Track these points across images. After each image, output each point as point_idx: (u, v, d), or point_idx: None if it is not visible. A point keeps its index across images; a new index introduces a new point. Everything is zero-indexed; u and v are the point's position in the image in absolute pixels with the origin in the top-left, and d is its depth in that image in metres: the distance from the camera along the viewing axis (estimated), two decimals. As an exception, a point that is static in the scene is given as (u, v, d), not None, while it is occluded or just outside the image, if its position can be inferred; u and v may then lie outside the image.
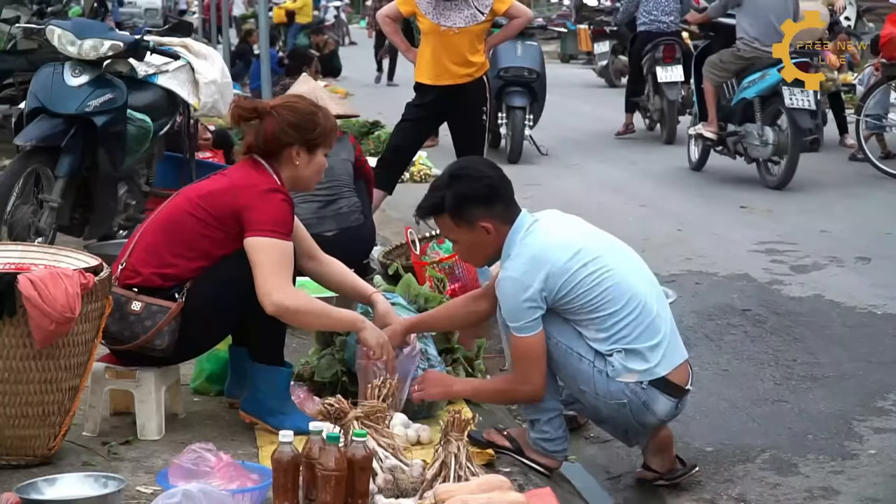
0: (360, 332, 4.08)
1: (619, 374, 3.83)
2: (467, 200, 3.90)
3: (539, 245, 3.85)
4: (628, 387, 3.84)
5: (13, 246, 4.17)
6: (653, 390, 3.85)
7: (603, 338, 3.84)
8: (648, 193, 9.82)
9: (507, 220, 3.93)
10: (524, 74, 11.55)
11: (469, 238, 3.95)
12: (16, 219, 5.60)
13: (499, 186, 3.95)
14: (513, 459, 3.97)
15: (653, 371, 3.84)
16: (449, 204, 3.90)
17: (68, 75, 5.83)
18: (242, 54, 17.58)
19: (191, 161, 7.33)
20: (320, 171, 4.15)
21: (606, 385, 3.85)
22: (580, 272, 3.80)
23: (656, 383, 3.85)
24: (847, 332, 5.90)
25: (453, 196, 3.90)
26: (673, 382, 3.88)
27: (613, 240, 4.06)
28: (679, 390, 3.90)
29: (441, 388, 4.13)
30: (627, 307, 3.82)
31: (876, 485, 4.10)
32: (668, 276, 6.62)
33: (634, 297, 3.84)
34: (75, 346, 3.66)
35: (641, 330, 3.84)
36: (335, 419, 3.54)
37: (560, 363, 3.88)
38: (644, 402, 3.85)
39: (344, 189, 5.82)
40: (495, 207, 3.92)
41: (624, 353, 3.83)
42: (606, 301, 3.81)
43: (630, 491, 4.16)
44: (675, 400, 3.90)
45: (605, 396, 3.87)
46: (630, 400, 3.85)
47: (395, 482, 3.41)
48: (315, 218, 5.61)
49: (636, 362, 3.83)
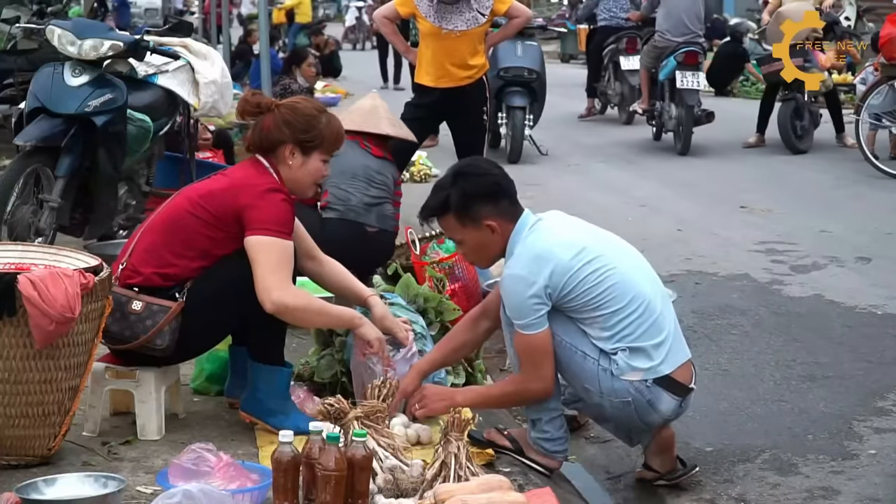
0: (358, 328, 4.09)
1: (624, 372, 3.84)
2: (473, 199, 3.91)
3: (543, 243, 3.86)
4: (633, 385, 3.84)
5: (13, 246, 4.17)
6: (657, 388, 3.85)
7: (607, 336, 3.84)
8: (648, 193, 9.82)
9: (512, 218, 3.94)
10: (524, 74, 11.55)
11: (475, 237, 3.95)
12: (16, 219, 5.59)
13: (503, 184, 3.97)
14: (513, 459, 3.97)
15: (657, 369, 3.84)
16: (454, 203, 3.91)
17: (68, 75, 5.83)
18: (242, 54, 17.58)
19: (191, 161, 7.33)
20: (315, 176, 4.12)
21: (611, 383, 3.85)
22: (583, 270, 3.81)
23: (661, 381, 3.85)
24: (847, 332, 5.90)
25: (458, 195, 3.91)
26: (677, 381, 3.88)
27: (617, 239, 4.06)
28: (683, 389, 3.91)
29: (443, 402, 4.01)
30: (631, 305, 3.83)
31: (876, 485, 4.10)
32: (668, 276, 6.62)
33: (638, 296, 3.84)
34: (75, 346, 3.66)
35: (646, 328, 3.84)
36: (335, 419, 3.54)
37: (564, 361, 3.88)
38: (648, 401, 3.86)
39: (390, 197, 6.07)
40: (500, 205, 3.93)
41: (628, 351, 3.83)
42: (609, 299, 3.81)
43: (630, 491, 4.16)
44: (679, 399, 3.91)
45: (610, 395, 3.87)
46: (634, 398, 3.85)
47: (395, 482, 3.41)
48: (363, 208, 5.86)
49: (640, 360, 3.84)
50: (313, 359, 4.51)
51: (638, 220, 8.61)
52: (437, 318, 4.73)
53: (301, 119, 4.06)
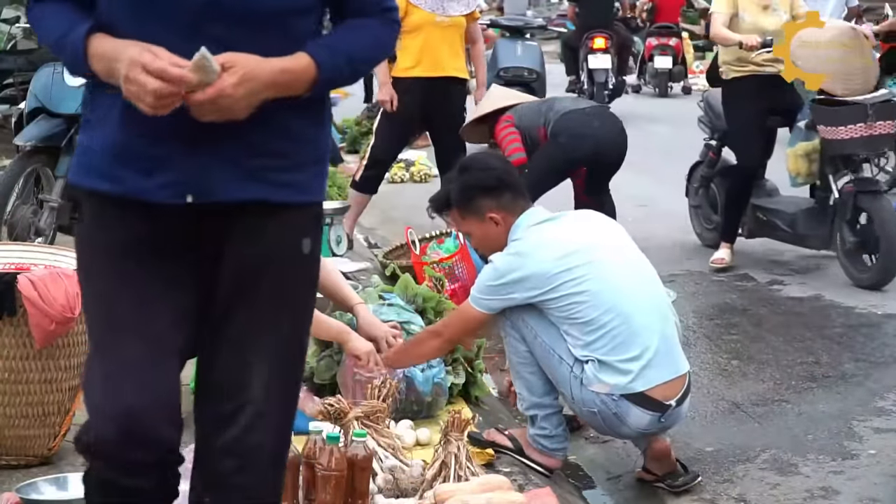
0: (346, 343, 4.04)
1: (591, 383, 3.78)
2: (474, 192, 3.95)
3: (531, 243, 3.87)
4: (598, 397, 3.78)
5: (13, 246, 4.18)
6: (625, 402, 3.77)
7: (581, 344, 3.79)
8: (648, 193, 9.80)
9: (516, 211, 3.95)
10: (524, 74, 11.55)
11: (479, 230, 4.00)
12: (16, 219, 5.60)
13: (505, 178, 3.98)
14: (513, 459, 3.96)
15: (627, 386, 3.76)
16: (456, 196, 3.96)
17: (68, 75, 5.82)
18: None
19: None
20: None
21: (580, 391, 3.81)
22: (560, 276, 3.77)
23: (630, 397, 3.77)
24: (847, 332, 5.90)
25: (460, 188, 3.96)
26: (651, 398, 3.79)
27: (621, 250, 3.98)
28: (658, 405, 3.80)
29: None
30: (603, 318, 3.76)
31: (876, 485, 4.10)
32: (668, 276, 6.61)
33: (613, 309, 3.76)
34: (75, 346, 3.65)
35: (618, 343, 3.76)
36: (335, 419, 3.54)
37: (543, 362, 3.87)
38: (615, 414, 3.79)
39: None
40: (503, 199, 3.94)
41: (597, 363, 3.77)
42: (581, 309, 3.77)
43: (630, 491, 4.15)
44: (656, 414, 3.81)
45: (579, 403, 3.85)
46: (601, 409, 3.80)
47: (395, 482, 3.41)
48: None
49: (608, 375, 3.76)
50: (313, 360, 4.50)
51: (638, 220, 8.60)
52: (437, 317, 4.72)
53: None
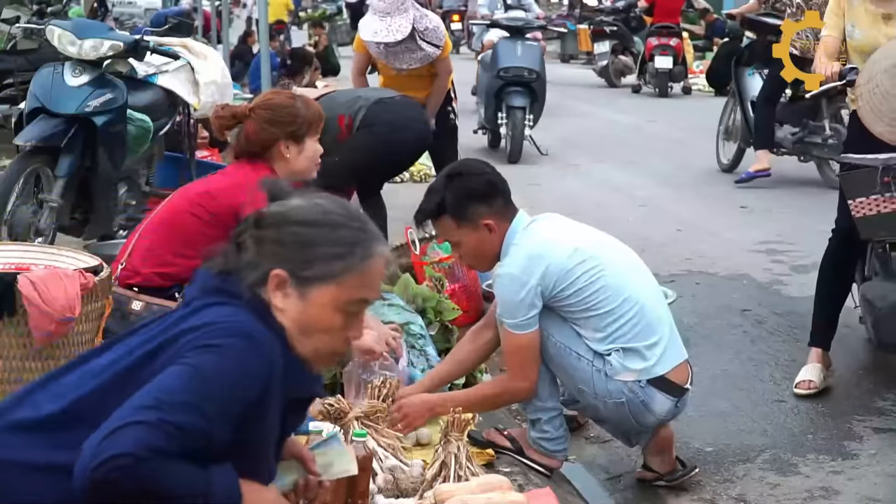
0: None
1: (618, 372, 3.83)
2: (468, 198, 3.89)
3: (538, 242, 3.86)
4: (626, 385, 3.84)
5: (13, 246, 4.17)
6: (651, 389, 3.85)
7: (600, 337, 3.83)
8: (648, 193, 9.81)
9: (507, 217, 3.93)
10: (524, 74, 11.54)
11: (472, 238, 3.93)
12: (16, 219, 5.59)
13: (497, 183, 3.96)
14: (513, 459, 3.97)
15: (651, 370, 3.84)
16: (450, 203, 3.89)
17: (68, 75, 5.83)
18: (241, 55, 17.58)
19: (191, 161, 7.33)
20: (315, 157, 4.16)
21: (605, 384, 3.85)
22: (576, 270, 3.81)
23: (655, 382, 3.85)
24: (847, 332, 5.89)
25: (453, 195, 3.90)
26: (672, 381, 3.88)
27: (612, 241, 4.06)
28: (678, 389, 3.90)
29: (424, 414, 3.93)
30: (623, 306, 3.82)
31: (876, 485, 4.10)
32: (668, 276, 6.61)
33: (631, 297, 3.84)
34: (75, 346, 3.65)
35: (639, 329, 3.84)
36: (335, 419, 3.54)
37: (559, 362, 3.88)
38: (643, 401, 3.85)
39: None
40: (495, 204, 3.92)
41: (622, 351, 3.83)
42: (602, 300, 3.81)
43: (630, 491, 4.16)
44: (675, 399, 3.90)
45: (604, 395, 3.87)
46: (629, 399, 3.85)
47: (395, 482, 3.41)
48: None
49: (634, 361, 3.83)
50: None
51: (638, 220, 8.61)
52: (437, 317, 4.73)
53: (282, 113, 4.09)
